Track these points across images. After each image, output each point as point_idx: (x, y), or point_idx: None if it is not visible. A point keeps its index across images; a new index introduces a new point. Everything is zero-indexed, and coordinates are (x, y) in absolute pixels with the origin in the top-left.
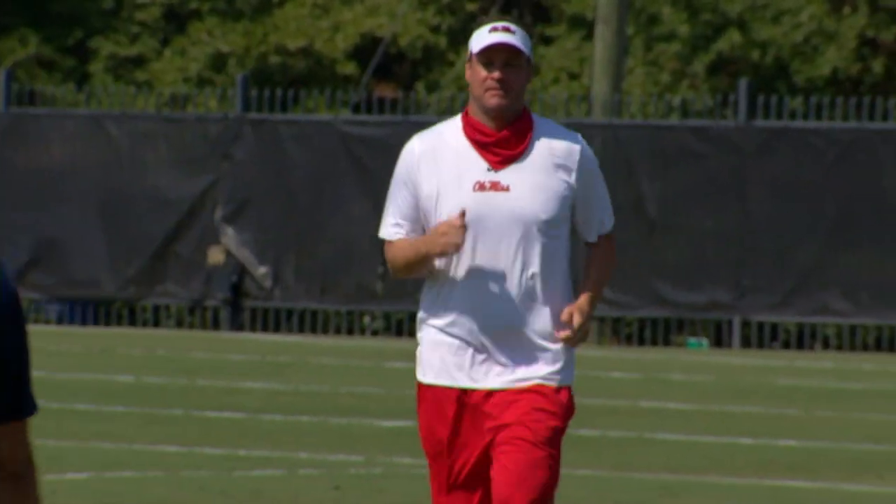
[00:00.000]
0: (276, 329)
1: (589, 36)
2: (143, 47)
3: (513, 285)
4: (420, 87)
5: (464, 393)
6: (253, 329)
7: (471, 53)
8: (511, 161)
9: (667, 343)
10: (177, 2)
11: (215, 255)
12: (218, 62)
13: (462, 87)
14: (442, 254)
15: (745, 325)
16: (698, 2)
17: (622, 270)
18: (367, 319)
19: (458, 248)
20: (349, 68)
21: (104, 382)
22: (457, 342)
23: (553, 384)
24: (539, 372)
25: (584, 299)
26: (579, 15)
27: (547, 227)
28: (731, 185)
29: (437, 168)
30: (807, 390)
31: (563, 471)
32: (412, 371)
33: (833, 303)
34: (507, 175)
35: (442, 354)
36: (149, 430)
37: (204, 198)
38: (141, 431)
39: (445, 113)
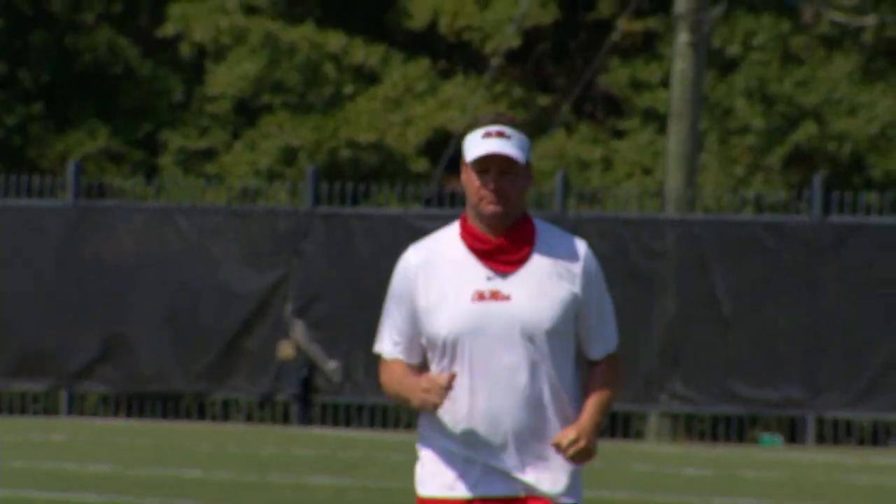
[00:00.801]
0: (347, 424)
1: (662, 129)
2: (213, 140)
3: (517, 397)
4: None
5: None
6: (323, 424)
7: (464, 159)
8: (512, 269)
9: (740, 439)
10: (248, 95)
11: (285, 350)
12: (288, 156)
13: (535, 181)
14: (420, 408)
15: (820, 421)
16: (774, 94)
17: (696, 366)
18: None
19: (436, 407)
20: (420, 163)
21: (173, 478)
22: (459, 455)
23: (566, 501)
24: (544, 485)
25: (583, 418)
26: (652, 109)
27: (551, 337)
28: (805, 280)
29: (435, 279)
30: (882, 488)
31: None
32: None
33: None
34: (507, 284)
35: (444, 467)
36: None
37: (273, 292)
38: None
39: None
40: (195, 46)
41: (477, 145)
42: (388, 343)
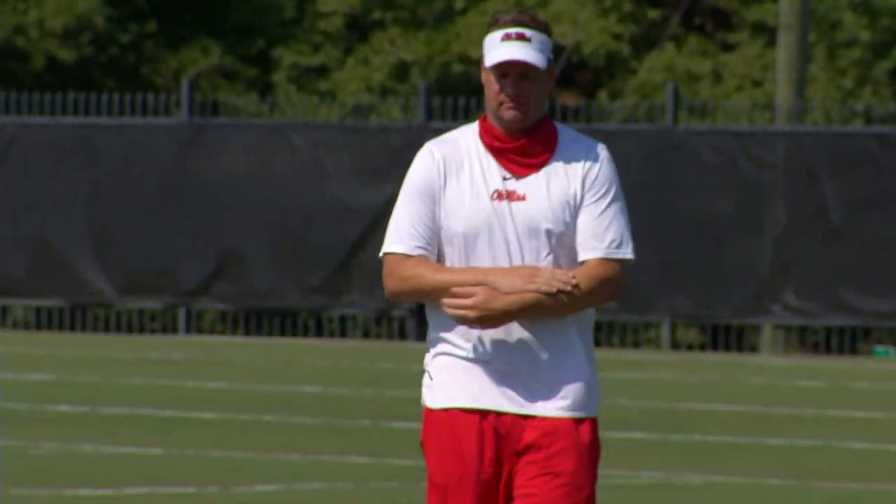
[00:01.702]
0: None
1: (771, 43)
2: (325, 57)
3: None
4: (603, 95)
5: (483, 416)
6: None
7: (483, 60)
8: (530, 170)
9: (853, 352)
10: (359, 11)
11: None
12: (400, 71)
13: (646, 94)
14: (518, 295)
15: None
16: (879, 7)
17: (807, 278)
18: None
19: (562, 291)
20: None
21: (290, 394)
22: (470, 362)
23: (575, 415)
24: (556, 401)
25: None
26: (761, 22)
27: (567, 239)
28: None
29: (455, 174)
30: None
31: (751, 480)
32: (599, 380)
33: None
34: (524, 185)
35: (456, 376)
36: (335, 441)
37: (387, 207)
38: (328, 443)
39: (629, 120)
40: None
41: (496, 48)
42: (408, 240)
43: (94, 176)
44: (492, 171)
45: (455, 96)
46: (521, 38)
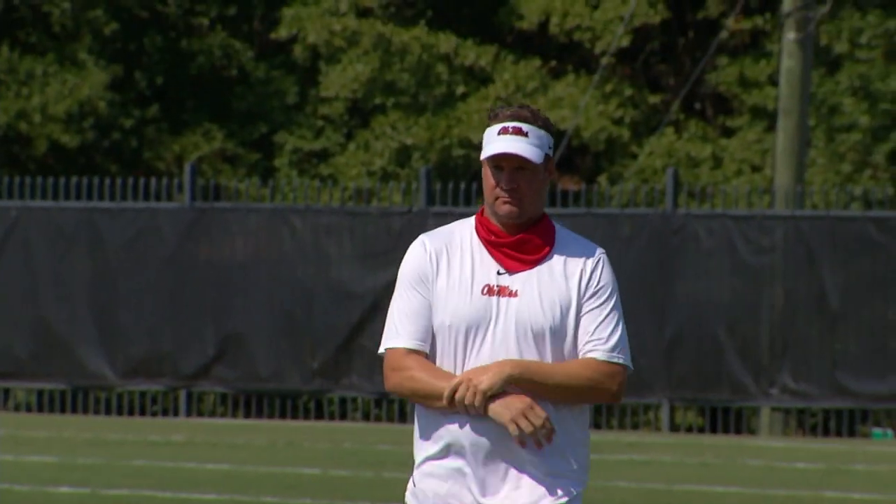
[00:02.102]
0: None
1: (771, 127)
2: (326, 141)
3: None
4: (603, 179)
5: None
6: None
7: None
8: (525, 267)
9: (851, 434)
10: (361, 96)
11: None
12: (401, 156)
13: (646, 178)
14: (510, 425)
15: None
16: (878, 92)
17: (805, 361)
18: None
19: (537, 434)
20: None
21: (291, 475)
22: (455, 470)
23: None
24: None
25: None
26: (760, 106)
27: (557, 339)
28: None
29: (447, 268)
30: None
31: None
32: (598, 463)
33: None
34: (517, 281)
35: (440, 484)
36: None
37: (388, 291)
38: None
39: (628, 205)
40: (309, 49)
41: (493, 142)
42: (405, 336)
43: (96, 259)
44: (485, 266)
45: (456, 181)
46: (517, 132)
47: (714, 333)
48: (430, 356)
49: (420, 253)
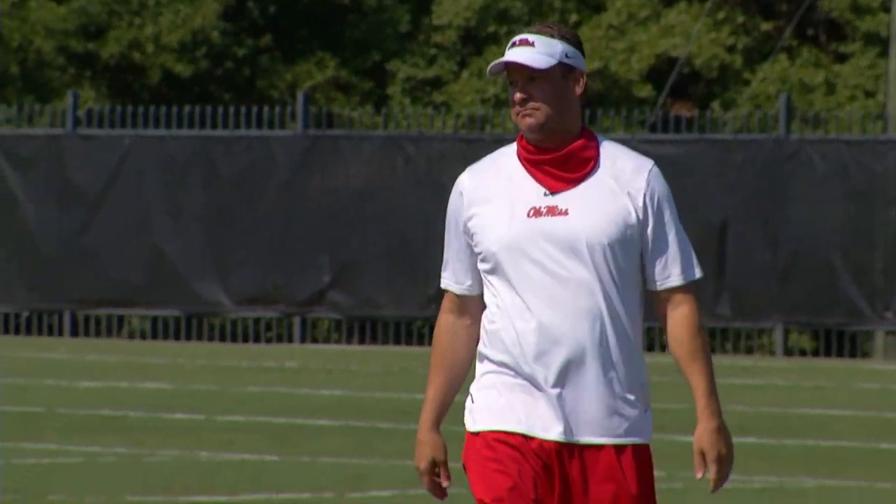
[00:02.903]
0: None
1: (884, 53)
2: (440, 69)
3: (576, 315)
4: (716, 105)
5: (526, 440)
6: None
7: None
8: (570, 184)
9: None
10: (474, 24)
11: None
12: None
13: (758, 105)
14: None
15: None
16: None
17: None
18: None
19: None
20: (645, 90)
21: (405, 401)
22: (517, 382)
23: (629, 441)
24: (609, 427)
25: (702, 424)
26: (874, 32)
27: (613, 256)
28: None
29: (487, 198)
30: None
31: (865, 484)
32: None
33: None
34: (565, 199)
35: (499, 398)
36: (451, 447)
37: None
38: None
39: (741, 130)
40: None
41: (505, 55)
42: (448, 278)
43: (210, 188)
44: (529, 188)
45: None
46: (524, 43)
47: (828, 258)
48: (487, 287)
49: (455, 196)
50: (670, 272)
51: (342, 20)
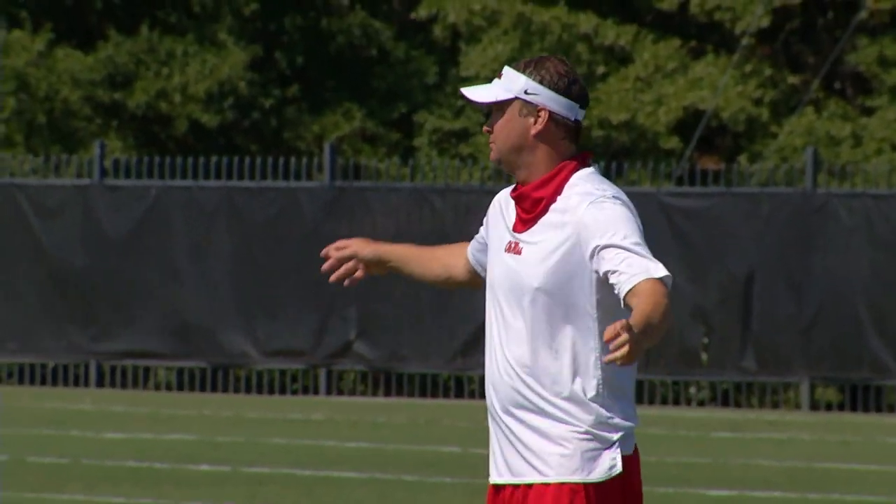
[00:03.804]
0: None
1: None
2: (467, 121)
3: (510, 359)
4: (743, 158)
5: (495, 491)
6: None
7: None
8: (528, 225)
9: None
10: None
11: None
12: None
13: (785, 157)
14: None
15: None
16: None
17: None
18: (692, 390)
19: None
20: (672, 142)
21: (430, 454)
22: (491, 429)
23: (557, 481)
24: (545, 466)
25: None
26: None
27: (552, 297)
28: None
29: (495, 225)
30: None
31: None
32: (738, 441)
33: None
34: (524, 236)
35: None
36: (476, 501)
37: None
38: (468, 502)
39: (768, 183)
40: (448, 28)
41: None
42: (473, 242)
43: (236, 238)
44: (511, 222)
45: (596, 160)
46: (499, 75)
47: (854, 312)
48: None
49: (490, 208)
50: (623, 280)
51: (369, 71)
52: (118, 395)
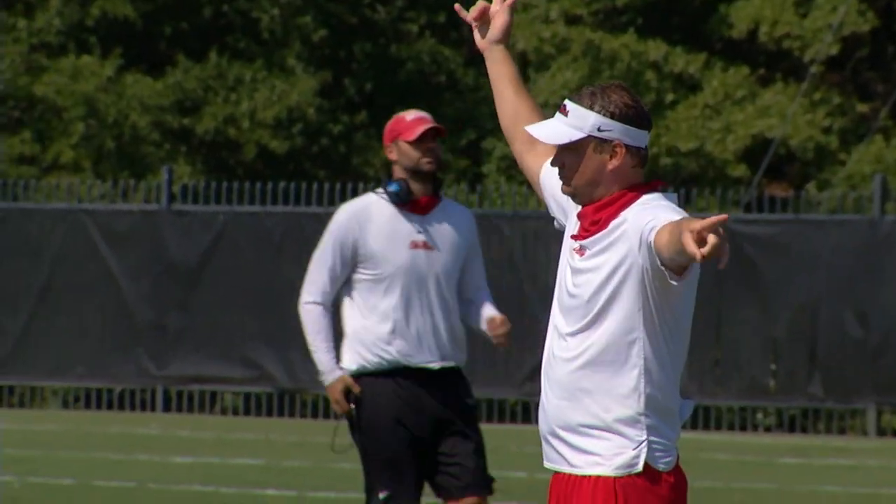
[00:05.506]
0: None
1: None
2: None
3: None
4: (811, 186)
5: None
6: None
7: None
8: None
9: None
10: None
11: None
12: None
13: (853, 185)
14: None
15: None
16: None
17: None
18: (759, 416)
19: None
20: (740, 169)
21: (497, 479)
22: None
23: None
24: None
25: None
26: None
27: (608, 312)
28: None
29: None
30: None
31: None
32: (804, 467)
33: None
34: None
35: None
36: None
37: None
38: None
39: (836, 211)
40: (518, 56)
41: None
42: None
43: (304, 264)
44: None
45: (664, 187)
46: (562, 110)
47: None
48: None
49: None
50: (655, 226)
51: (438, 98)
52: (185, 420)
